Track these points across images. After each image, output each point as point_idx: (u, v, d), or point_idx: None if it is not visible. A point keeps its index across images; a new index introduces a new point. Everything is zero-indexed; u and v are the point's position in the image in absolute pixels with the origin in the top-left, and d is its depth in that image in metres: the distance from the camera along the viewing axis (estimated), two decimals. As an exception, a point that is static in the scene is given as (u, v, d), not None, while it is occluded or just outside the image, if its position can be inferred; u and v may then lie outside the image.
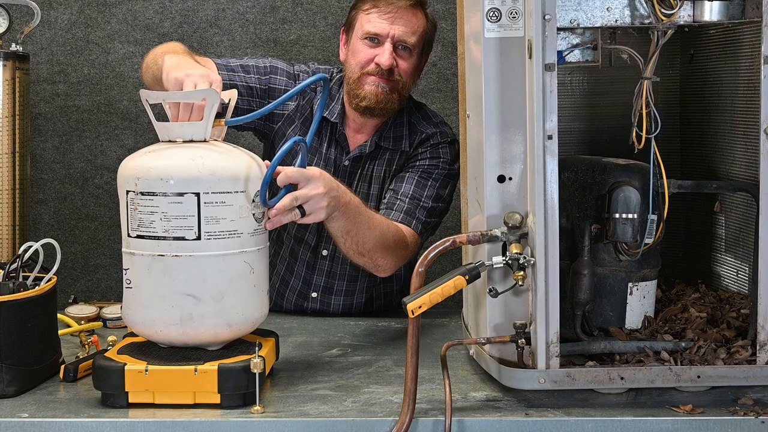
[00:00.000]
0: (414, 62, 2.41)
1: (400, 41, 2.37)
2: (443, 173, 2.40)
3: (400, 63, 2.38)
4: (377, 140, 2.45)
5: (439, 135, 2.46)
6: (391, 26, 2.36)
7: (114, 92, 3.57)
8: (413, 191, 2.36)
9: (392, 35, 2.36)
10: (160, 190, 1.69)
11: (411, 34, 2.38)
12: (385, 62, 2.35)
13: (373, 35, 2.37)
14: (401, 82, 2.38)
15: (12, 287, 1.80)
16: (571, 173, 1.82)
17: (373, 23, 2.37)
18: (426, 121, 2.50)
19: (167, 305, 1.71)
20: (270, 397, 1.74)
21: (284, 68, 2.49)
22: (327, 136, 2.47)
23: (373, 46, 2.38)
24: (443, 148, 2.43)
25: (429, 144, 2.45)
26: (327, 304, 2.52)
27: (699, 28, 1.83)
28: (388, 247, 2.21)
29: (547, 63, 1.60)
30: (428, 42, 2.45)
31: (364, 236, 2.14)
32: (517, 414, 1.64)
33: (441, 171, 2.40)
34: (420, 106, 2.54)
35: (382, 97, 2.37)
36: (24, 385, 1.76)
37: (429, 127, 2.48)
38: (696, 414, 1.63)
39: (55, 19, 3.55)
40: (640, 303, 1.85)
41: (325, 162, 2.47)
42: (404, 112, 2.49)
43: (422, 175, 2.39)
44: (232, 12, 3.57)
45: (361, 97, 2.38)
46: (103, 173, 3.59)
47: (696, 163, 2.12)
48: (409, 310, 1.62)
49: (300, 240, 2.51)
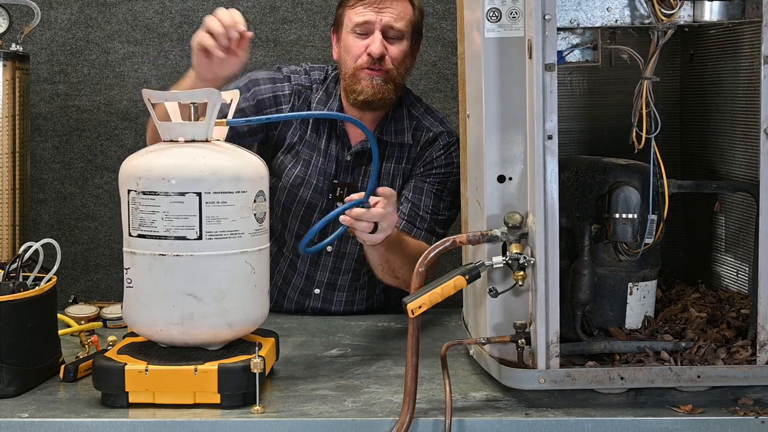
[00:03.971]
0: (404, 48, 2.43)
1: (389, 27, 2.40)
2: (457, 179, 2.42)
3: (391, 50, 2.40)
4: (378, 134, 2.46)
5: (446, 135, 2.50)
6: (378, 14, 2.39)
7: (114, 92, 3.57)
8: (433, 206, 2.45)
9: (380, 22, 2.39)
10: (162, 189, 1.69)
11: (399, 20, 2.40)
12: (376, 50, 2.37)
13: (362, 25, 2.40)
14: (393, 69, 2.41)
15: (12, 287, 1.80)
16: (571, 173, 1.82)
17: (361, 14, 2.40)
18: (431, 116, 2.53)
19: (168, 305, 1.71)
20: (270, 397, 1.74)
21: (264, 77, 2.50)
22: (326, 131, 2.48)
23: (364, 38, 2.40)
24: (455, 151, 2.46)
25: (441, 146, 2.48)
26: (329, 301, 2.52)
27: (699, 28, 1.83)
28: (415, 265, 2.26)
29: (547, 63, 1.60)
30: (417, 28, 2.48)
31: (400, 263, 2.28)
32: (517, 414, 1.64)
33: (455, 178, 2.42)
34: (418, 99, 2.57)
35: (378, 89, 2.39)
36: (24, 385, 1.76)
37: (435, 125, 2.51)
38: (696, 414, 1.63)
39: (55, 19, 3.55)
40: (640, 303, 1.85)
41: (326, 158, 2.47)
42: (403, 104, 2.51)
43: (438, 188, 2.46)
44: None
45: (357, 92, 2.40)
46: (103, 173, 3.59)
47: (696, 163, 2.12)
48: (409, 310, 1.62)
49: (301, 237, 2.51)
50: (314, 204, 2.48)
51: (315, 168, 2.47)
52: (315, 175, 2.47)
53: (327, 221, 1.97)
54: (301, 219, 2.50)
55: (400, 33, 2.41)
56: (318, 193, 2.47)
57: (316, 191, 2.47)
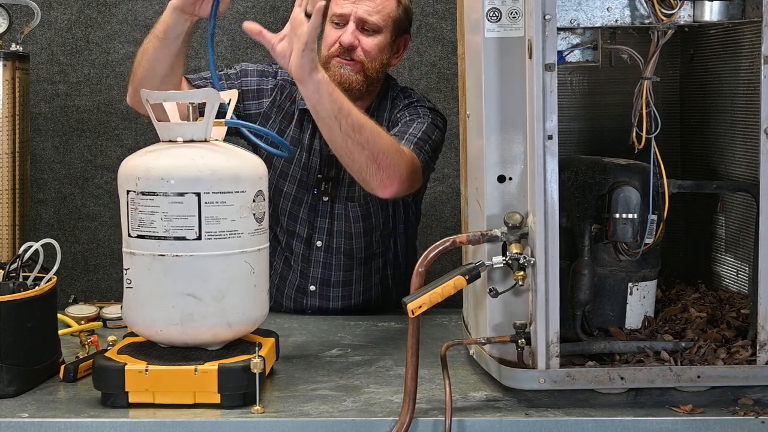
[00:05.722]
0: (379, 42, 2.42)
1: (362, 20, 2.40)
2: (428, 120, 2.41)
3: (364, 42, 2.41)
4: None
5: (417, 102, 2.49)
6: (354, 6, 2.40)
7: (114, 92, 3.57)
8: (398, 129, 2.35)
9: (355, 14, 2.40)
10: (161, 189, 1.69)
11: (375, 13, 2.41)
12: (345, 39, 2.39)
13: (338, 16, 2.41)
14: (364, 62, 2.41)
15: (12, 287, 1.80)
16: (571, 173, 1.82)
17: (340, 5, 2.42)
18: (405, 95, 2.52)
19: (167, 305, 1.71)
20: (270, 397, 1.74)
21: (254, 69, 2.52)
22: (309, 127, 2.48)
23: (339, 29, 2.42)
24: (422, 109, 2.45)
25: (406, 104, 2.47)
26: (326, 298, 2.53)
27: (699, 28, 1.82)
28: (387, 141, 2.17)
29: (548, 63, 1.60)
30: (399, 24, 2.47)
31: (357, 116, 2.10)
32: (517, 414, 1.64)
33: (424, 118, 2.41)
34: (405, 89, 2.57)
35: (345, 78, 2.39)
36: (24, 385, 1.76)
37: (406, 99, 2.51)
38: (696, 414, 1.63)
39: (55, 19, 3.55)
40: (640, 303, 1.85)
41: (310, 153, 2.48)
42: (388, 96, 2.52)
43: (406, 122, 2.39)
44: (232, 12, 3.57)
45: None
46: (103, 173, 3.59)
47: (696, 163, 2.12)
48: (409, 310, 1.62)
49: (293, 233, 2.52)
50: (300, 198, 2.49)
51: (299, 163, 2.48)
52: (299, 170, 2.48)
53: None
54: (288, 215, 2.51)
55: (376, 27, 2.41)
56: (303, 188, 2.48)
57: (300, 186, 2.48)
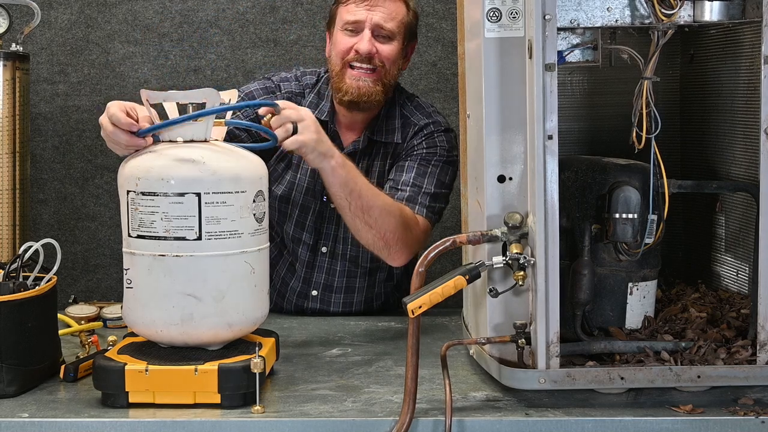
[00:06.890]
0: (395, 49, 2.41)
1: (378, 26, 2.38)
2: (442, 160, 2.40)
3: (381, 49, 2.38)
4: (370, 135, 2.45)
5: (432, 125, 2.46)
6: (369, 12, 2.37)
7: (114, 92, 3.57)
8: (413, 179, 2.35)
9: (370, 21, 2.37)
10: (161, 190, 1.69)
11: (389, 20, 2.39)
12: (364, 47, 2.36)
13: (352, 24, 2.38)
14: (383, 69, 2.39)
15: (12, 287, 1.80)
16: (571, 173, 1.82)
17: (352, 12, 2.38)
18: (419, 112, 2.49)
19: (168, 305, 1.71)
20: (270, 397, 1.74)
21: (258, 87, 2.50)
22: None
23: (353, 36, 2.39)
24: (439, 136, 2.43)
25: (424, 134, 2.44)
26: (327, 303, 2.52)
27: (699, 28, 1.82)
28: (396, 220, 2.19)
29: (548, 63, 1.60)
30: (410, 30, 2.45)
31: (368, 198, 2.14)
32: (517, 414, 1.64)
33: (440, 158, 2.40)
34: (411, 98, 2.54)
35: (365, 90, 2.37)
36: (24, 385, 1.76)
37: (422, 118, 2.47)
38: (696, 414, 1.63)
39: (55, 19, 3.55)
40: (640, 303, 1.85)
41: None
42: (396, 104, 2.49)
43: (421, 163, 2.38)
44: (232, 12, 3.57)
45: (343, 91, 2.38)
46: (103, 173, 3.59)
47: (696, 163, 2.12)
48: (409, 310, 1.62)
49: (299, 240, 2.51)
50: (308, 207, 2.48)
51: (306, 171, 2.47)
52: (306, 179, 2.47)
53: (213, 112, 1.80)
54: (296, 222, 2.50)
55: (391, 33, 2.39)
56: (311, 196, 2.47)
57: (308, 194, 2.47)
